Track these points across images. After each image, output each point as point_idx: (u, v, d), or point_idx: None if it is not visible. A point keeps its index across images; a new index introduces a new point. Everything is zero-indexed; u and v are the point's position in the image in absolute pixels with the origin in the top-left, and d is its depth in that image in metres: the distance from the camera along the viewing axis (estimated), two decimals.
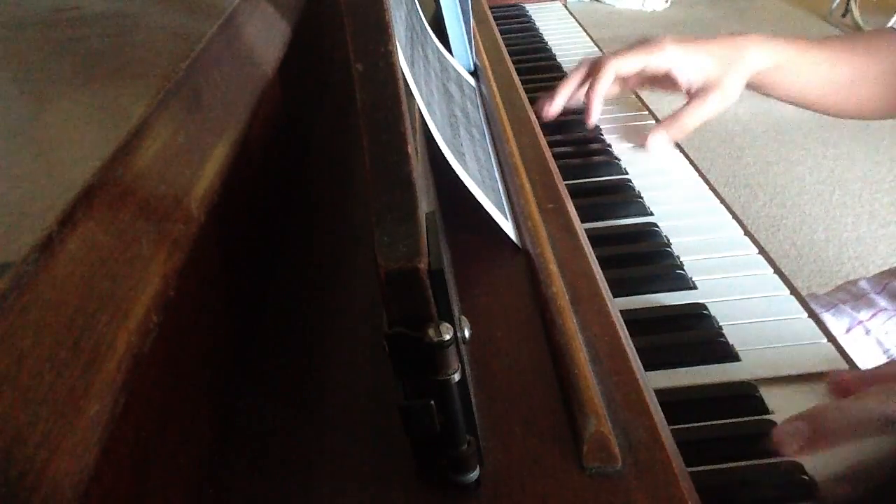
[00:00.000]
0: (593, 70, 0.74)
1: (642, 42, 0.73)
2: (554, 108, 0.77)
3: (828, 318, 0.67)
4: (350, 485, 0.30)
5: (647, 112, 0.86)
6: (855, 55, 0.73)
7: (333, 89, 0.70)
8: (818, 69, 0.73)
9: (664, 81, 0.74)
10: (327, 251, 0.45)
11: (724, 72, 0.70)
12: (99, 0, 0.45)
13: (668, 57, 0.71)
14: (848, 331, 0.67)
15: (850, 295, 0.71)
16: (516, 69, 0.73)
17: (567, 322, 0.36)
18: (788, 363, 0.49)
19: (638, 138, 0.76)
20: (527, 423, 0.31)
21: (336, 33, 0.75)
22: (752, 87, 0.75)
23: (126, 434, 0.22)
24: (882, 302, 0.69)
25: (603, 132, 0.81)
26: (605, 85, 0.73)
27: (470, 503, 0.28)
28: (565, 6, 1.29)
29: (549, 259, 0.41)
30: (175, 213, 0.28)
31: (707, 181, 0.72)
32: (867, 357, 0.65)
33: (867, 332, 0.67)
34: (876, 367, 0.46)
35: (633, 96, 0.89)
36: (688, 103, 0.73)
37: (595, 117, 0.76)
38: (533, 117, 0.61)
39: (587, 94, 0.75)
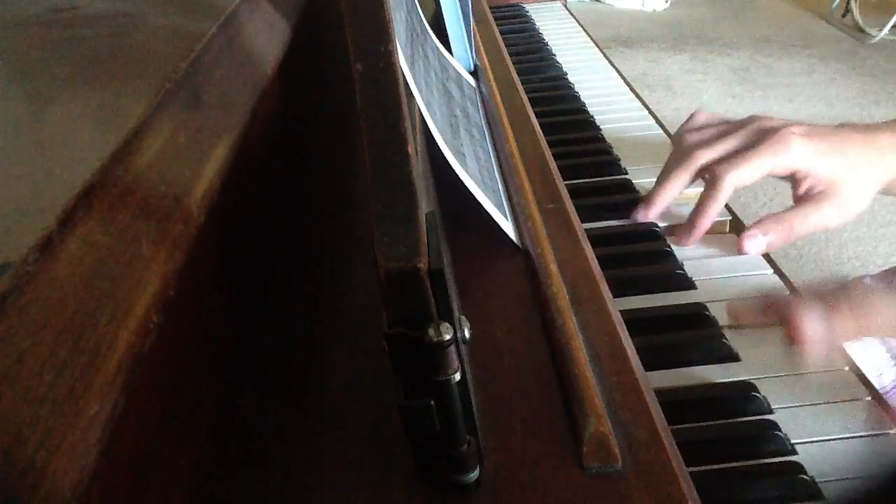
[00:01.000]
0: (707, 181, 0.58)
1: (760, 136, 0.57)
2: (652, 214, 0.62)
3: None
4: (350, 485, 0.30)
5: (653, 121, 0.85)
6: None
7: (333, 89, 0.70)
8: None
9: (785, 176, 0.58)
10: (327, 251, 0.45)
11: (849, 179, 0.56)
12: (99, 0, 0.45)
13: (794, 160, 0.55)
14: None
15: None
16: (516, 69, 0.73)
17: (567, 322, 0.36)
18: (788, 363, 0.49)
19: (736, 243, 0.59)
20: (527, 423, 0.31)
21: (336, 33, 0.75)
22: (886, 192, 0.60)
23: (126, 434, 0.22)
24: None
25: (604, 132, 0.81)
26: (720, 207, 0.58)
27: (470, 503, 0.28)
28: (565, 6, 1.29)
29: (549, 259, 0.41)
30: (175, 213, 0.28)
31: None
32: (870, 354, 0.65)
33: None
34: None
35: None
36: (798, 205, 0.58)
37: (695, 241, 0.60)
38: (533, 117, 0.61)
39: (697, 217, 0.58)
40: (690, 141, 0.61)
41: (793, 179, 0.58)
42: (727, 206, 0.64)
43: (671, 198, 0.61)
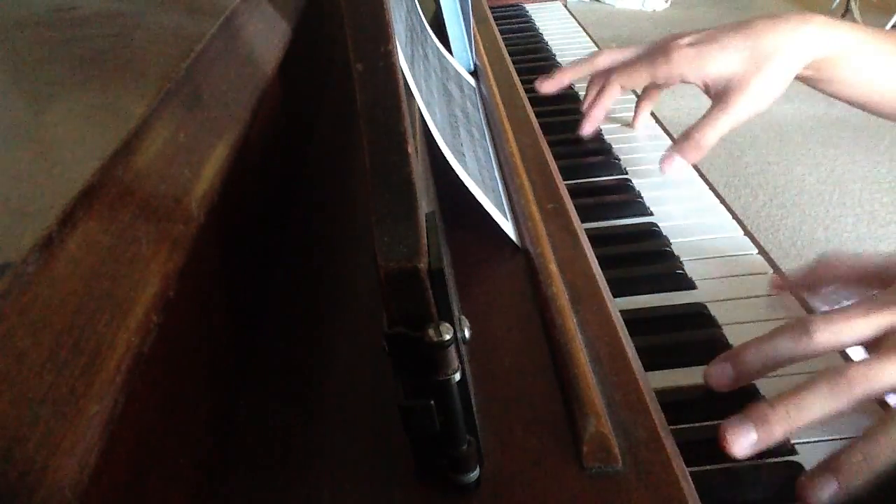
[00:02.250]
0: (599, 80, 0.72)
1: (649, 51, 0.66)
2: (548, 89, 0.77)
3: None
4: (350, 485, 0.30)
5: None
6: None
7: (333, 89, 0.70)
8: (882, 60, 0.59)
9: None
10: (327, 251, 0.45)
11: (753, 69, 0.57)
12: (99, 0, 0.46)
13: (675, 67, 0.61)
14: None
15: None
16: (516, 69, 0.73)
17: (567, 322, 0.36)
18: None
19: (660, 163, 0.68)
20: (527, 423, 0.31)
21: (336, 33, 0.75)
22: (804, 80, 0.62)
23: (126, 434, 0.22)
24: None
25: (603, 132, 0.81)
26: (609, 103, 0.71)
27: (470, 503, 0.28)
28: (565, 6, 1.29)
29: (549, 259, 0.41)
30: (175, 213, 0.28)
31: (707, 181, 0.72)
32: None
33: None
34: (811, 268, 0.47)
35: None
36: (706, 114, 0.62)
37: (590, 130, 0.75)
38: (533, 117, 0.61)
39: (587, 109, 0.73)
40: (599, 52, 0.74)
41: (704, 90, 0.62)
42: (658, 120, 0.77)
43: (567, 80, 0.76)
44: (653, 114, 0.85)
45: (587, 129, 0.74)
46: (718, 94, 0.60)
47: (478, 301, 0.39)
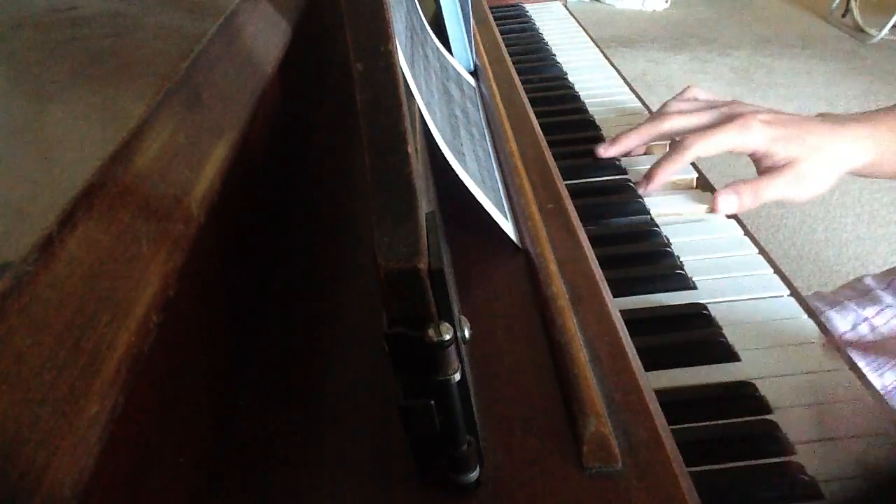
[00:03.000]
0: (674, 143, 0.69)
1: (730, 116, 0.66)
2: (610, 153, 0.73)
3: (833, 315, 0.66)
4: (350, 485, 0.30)
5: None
6: None
7: (333, 89, 0.70)
8: None
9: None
10: (327, 251, 0.45)
11: (807, 157, 0.64)
12: (98, 0, 0.45)
13: (757, 142, 0.64)
14: (853, 327, 0.67)
15: (856, 292, 0.71)
16: (516, 69, 0.73)
17: (567, 322, 0.36)
18: (788, 364, 0.49)
19: (713, 201, 0.67)
20: (527, 423, 0.31)
21: (336, 33, 0.75)
22: (864, 175, 0.69)
23: (126, 434, 0.22)
24: (888, 298, 0.68)
25: (603, 132, 0.81)
26: (680, 169, 0.68)
27: (470, 503, 0.28)
28: (565, 6, 1.29)
29: (549, 259, 0.41)
30: (175, 213, 0.28)
31: (707, 181, 0.72)
32: (869, 356, 0.65)
33: (872, 328, 0.66)
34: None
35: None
36: (763, 176, 0.66)
37: (652, 190, 0.70)
38: (533, 117, 0.61)
39: (656, 169, 0.68)
40: (672, 107, 0.71)
41: (755, 158, 0.67)
42: (694, 166, 0.74)
43: (633, 144, 0.72)
44: (644, 104, 0.86)
45: (653, 188, 0.70)
46: (769, 169, 0.66)
47: (478, 301, 0.39)
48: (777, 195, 0.66)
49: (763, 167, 0.67)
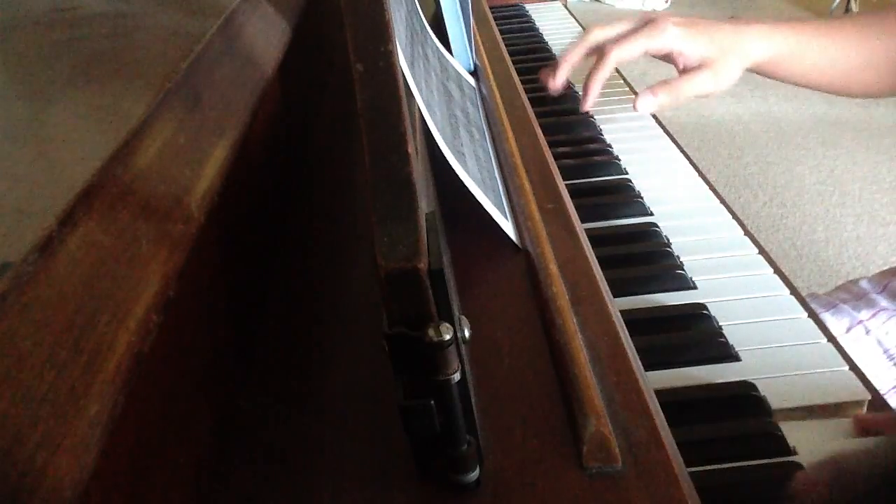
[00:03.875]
0: (596, 54, 0.76)
1: (644, 23, 0.74)
2: (558, 81, 0.80)
3: (827, 317, 0.67)
4: (350, 485, 0.30)
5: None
6: (865, 38, 0.72)
7: (333, 89, 0.70)
8: (825, 54, 0.73)
9: (663, 56, 0.76)
10: (327, 251, 0.45)
11: (719, 56, 0.72)
12: (99, 0, 0.45)
13: (668, 40, 0.72)
14: (848, 330, 0.67)
15: (851, 294, 0.71)
16: (516, 69, 0.73)
17: (567, 322, 0.36)
18: (788, 363, 0.49)
19: (633, 105, 0.76)
20: (527, 423, 0.31)
21: (336, 33, 0.75)
22: (756, 71, 0.76)
23: (126, 434, 0.22)
24: (883, 301, 0.69)
25: (603, 132, 0.81)
26: (606, 74, 0.75)
27: (470, 503, 0.28)
28: (565, 6, 1.29)
29: (549, 259, 0.41)
30: (175, 213, 0.28)
31: (707, 181, 0.72)
32: (867, 357, 0.65)
33: (867, 331, 0.67)
34: None
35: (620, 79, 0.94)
36: (682, 75, 0.74)
37: (591, 104, 0.77)
38: (533, 117, 0.61)
39: (587, 82, 0.76)
40: (590, 28, 0.79)
41: (672, 60, 0.74)
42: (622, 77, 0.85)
43: (570, 63, 0.79)
44: (652, 113, 0.85)
45: (587, 105, 0.78)
46: (688, 70, 0.73)
47: (478, 301, 0.39)
48: (694, 91, 0.73)
49: (680, 67, 0.74)
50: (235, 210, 0.37)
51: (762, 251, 0.61)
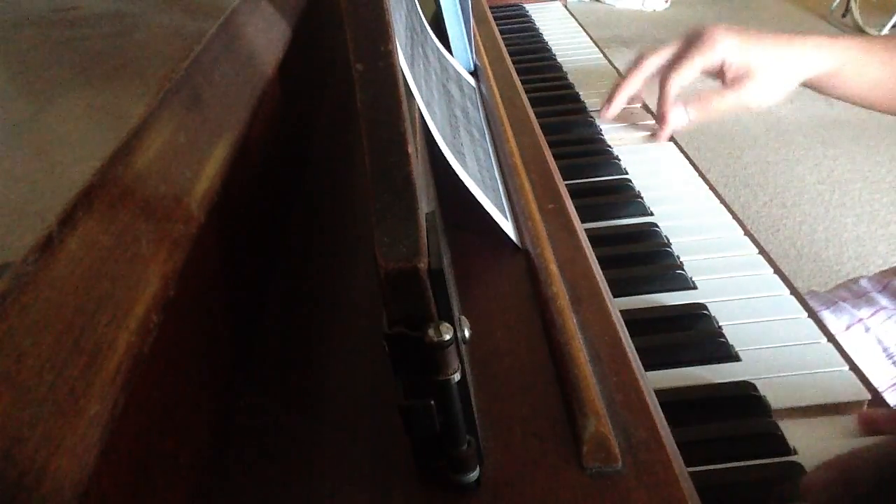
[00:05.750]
0: (660, 85, 0.73)
1: (694, 39, 0.70)
2: (612, 112, 0.79)
3: (827, 315, 0.67)
4: (350, 485, 0.30)
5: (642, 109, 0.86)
6: None
7: (333, 89, 0.70)
8: (885, 70, 0.70)
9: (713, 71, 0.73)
10: (327, 251, 0.45)
11: (770, 65, 0.68)
12: (99, 0, 0.46)
13: (721, 51, 0.68)
14: (848, 328, 0.67)
15: (851, 293, 0.71)
16: (516, 69, 0.73)
17: (567, 322, 0.36)
18: (788, 363, 0.49)
19: (657, 123, 0.76)
20: (527, 423, 0.31)
21: (336, 33, 0.75)
22: (809, 86, 0.73)
23: (126, 434, 0.22)
24: (883, 300, 0.69)
25: (603, 132, 0.81)
26: (672, 102, 0.73)
27: (470, 503, 0.28)
28: (565, 6, 1.29)
29: (550, 259, 0.41)
30: (175, 213, 0.28)
31: (707, 181, 0.72)
32: (866, 355, 0.65)
33: (867, 329, 0.67)
34: None
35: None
36: (722, 88, 0.71)
37: (667, 136, 0.76)
38: (533, 117, 0.61)
39: (658, 108, 0.75)
40: (642, 54, 0.77)
41: (721, 75, 0.70)
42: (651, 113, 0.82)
43: (626, 97, 0.78)
44: (652, 113, 0.85)
45: (664, 137, 0.76)
46: (734, 80, 0.69)
47: (478, 301, 0.39)
48: (735, 103, 0.69)
49: (726, 80, 0.70)
50: (235, 210, 0.37)
51: (762, 251, 0.61)
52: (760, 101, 0.70)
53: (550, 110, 0.85)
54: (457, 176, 0.40)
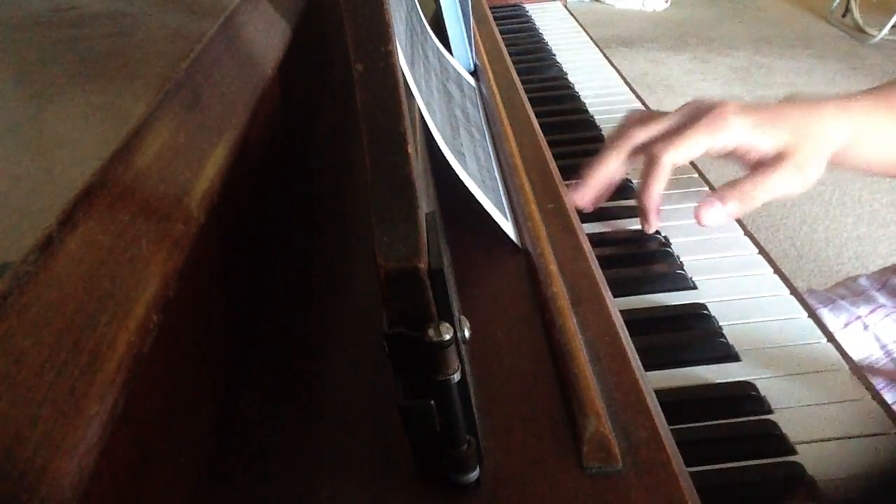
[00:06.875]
0: (645, 162, 0.56)
1: (697, 114, 0.56)
2: (586, 198, 0.60)
3: (825, 313, 0.66)
4: (350, 485, 0.30)
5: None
6: None
7: (333, 89, 0.70)
8: None
9: (727, 154, 0.57)
10: (327, 251, 0.45)
11: (800, 143, 0.55)
12: (99, 0, 0.46)
13: (735, 135, 0.54)
14: (846, 326, 0.67)
15: (850, 291, 0.71)
16: (516, 69, 0.73)
17: (567, 322, 0.36)
18: (788, 363, 0.49)
19: (695, 212, 0.57)
20: (527, 423, 0.31)
21: (336, 33, 0.75)
22: (837, 162, 0.59)
23: (126, 434, 0.22)
24: (881, 298, 0.69)
25: (603, 132, 0.81)
26: (662, 186, 0.56)
27: (470, 503, 0.28)
28: (565, 6, 1.29)
29: (550, 259, 0.41)
30: (175, 213, 0.28)
31: (707, 181, 0.72)
32: (865, 352, 0.65)
33: (865, 327, 0.66)
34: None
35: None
36: (757, 171, 0.56)
37: (655, 225, 0.60)
38: (533, 117, 0.61)
39: (641, 198, 0.58)
40: (626, 123, 0.60)
41: (738, 157, 0.56)
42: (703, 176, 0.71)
43: (604, 178, 0.59)
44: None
45: (653, 228, 0.61)
46: (759, 164, 0.56)
47: (478, 301, 0.39)
48: (778, 193, 0.55)
49: (751, 163, 0.56)
50: (235, 210, 0.37)
51: (762, 251, 0.61)
52: (802, 186, 0.56)
53: (550, 110, 0.85)
54: (457, 176, 0.40)
